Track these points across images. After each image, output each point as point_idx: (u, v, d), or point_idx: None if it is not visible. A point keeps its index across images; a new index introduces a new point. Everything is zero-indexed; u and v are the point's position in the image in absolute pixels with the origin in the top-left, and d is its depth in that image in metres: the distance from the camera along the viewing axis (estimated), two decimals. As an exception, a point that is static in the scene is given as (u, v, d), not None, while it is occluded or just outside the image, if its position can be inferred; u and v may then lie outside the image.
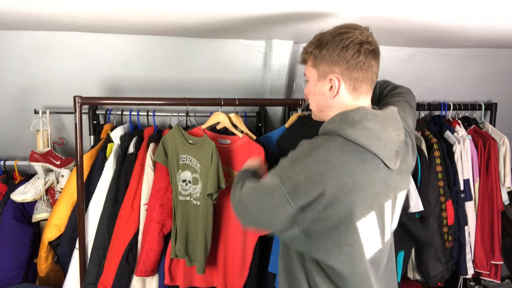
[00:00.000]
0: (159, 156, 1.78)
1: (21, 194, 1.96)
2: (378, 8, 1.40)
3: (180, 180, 1.75)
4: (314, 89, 1.15)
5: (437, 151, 2.04)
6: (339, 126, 1.04)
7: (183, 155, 1.75)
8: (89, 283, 1.75)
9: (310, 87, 1.17)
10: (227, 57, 2.17)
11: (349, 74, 1.08)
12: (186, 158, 1.74)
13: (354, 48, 1.07)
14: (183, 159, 1.75)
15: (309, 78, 1.16)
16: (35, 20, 1.67)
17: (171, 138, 1.77)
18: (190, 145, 1.74)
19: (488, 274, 2.20)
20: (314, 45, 1.12)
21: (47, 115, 2.03)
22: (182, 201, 1.76)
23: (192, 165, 1.73)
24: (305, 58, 1.17)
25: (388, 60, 2.35)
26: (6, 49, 2.01)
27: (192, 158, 1.73)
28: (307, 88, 1.19)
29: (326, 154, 1.01)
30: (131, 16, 1.57)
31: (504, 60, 2.44)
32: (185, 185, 1.74)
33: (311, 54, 1.13)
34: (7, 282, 1.93)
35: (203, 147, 1.70)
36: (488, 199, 2.18)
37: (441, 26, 1.69)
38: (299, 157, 1.03)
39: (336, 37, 1.08)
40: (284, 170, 1.04)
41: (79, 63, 2.08)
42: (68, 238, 1.85)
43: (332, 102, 1.12)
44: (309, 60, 1.15)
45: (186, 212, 1.76)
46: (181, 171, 1.76)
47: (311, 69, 1.14)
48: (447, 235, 2.05)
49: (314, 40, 1.14)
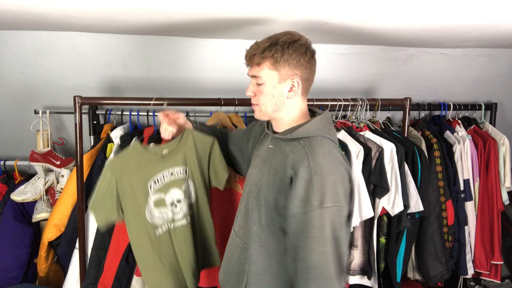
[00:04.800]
0: (102, 213, 1.36)
1: (21, 194, 1.96)
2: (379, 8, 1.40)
3: (157, 209, 1.40)
4: (273, 91, 1.21)
5: (437, 151, 2.04)
6: (326, 129, 1.22)
7: (158, 175, 1.40)
8: (89, 283, 1.75)
9: (267, 89, 1.21)
10: (227, 57, 2.17)
11: (305, 76, 1.21)
12: (165, 176, 1.41)
13: (308, 53, 1.20)
14: (160, 180, 1.40)
15: (265, 80, 1.20)
16: (35, 20, 1.67)
17: (128, 164, 1.36)
18: (166, 158, 1.42)
19: (488, 274, 2.20)
20: (273, 49, 1.17)
21: (47, 115, 2.03)
22: (161, 236, 1.43)
23: (178, 178, 1.42)
24: (260, 61, 1.19)
25: (388, 60, 2.36)
26: (6, 49, 2.01)
27: (175, 168, 1.43)
28: (260, 90, 1.22)
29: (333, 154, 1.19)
30: (131, 16, 1.57)
31: (504, 60, 2.44)
32: (174, 207, 1.42)
33: (271, 57, 1.17)
34: (7, 282, 1.93)
35: (184, 146, 1.43)
36: (488, 199, 2.18)
37: (441, 26, 1.69)
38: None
39: (295, 43, 1.18)
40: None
41: (79, 63, 2.08)
42: (68, 238, 1.85)
43: (289, 102, 1.23)
44: (266, 62, 1.18)
45: (168, 248, 1.44)
46: (159, 196, 1.40)
47: (270, 71, 1.19)
48: (447, 235, 2.05)
49: (270, 44, 1.18)
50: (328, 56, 2.28)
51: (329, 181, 1.10)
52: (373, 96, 2.36)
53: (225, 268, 1.36)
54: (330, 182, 1.10)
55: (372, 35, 1.92)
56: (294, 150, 1.17)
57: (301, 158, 1.13)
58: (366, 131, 1.85)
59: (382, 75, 2.40)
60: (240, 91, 2.20)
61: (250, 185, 1.29)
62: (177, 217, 1.42)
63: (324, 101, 1.84)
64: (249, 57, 1.21)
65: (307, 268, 1.09)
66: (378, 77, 2.40)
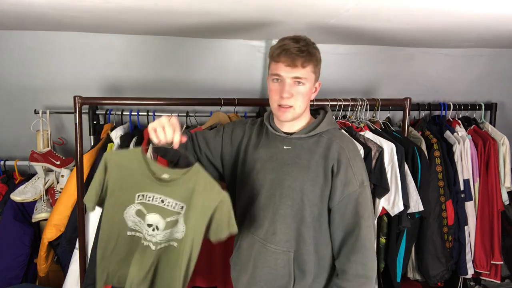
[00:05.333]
0: (91, 196, 1.28)
1: (21, 194, 1.96)
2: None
3: (136, 217, 1.30)
4: (309, 92, 1.27)
5: (437, 151, 2.04)
6: (334, 122, 1.37)
7: (147, 193, 1.27)
8: (89, 283, 1.75)
9: (306, 90, 1.25)
10: (227, 57, 2.17)
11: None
12: (155, 199, 1.27)
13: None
14: (147, 197, 1.28)
15: (307, 82, 1.24)
16: (35, 20, 1.67)
17: (124, 164, 1.28)
18: (163, 183, 1.26)
19: (488, 274, 2.20)
20: (316, 52, 1.24)
21: (47, 115, 2.03)
22: (131, 237, 1.32)
23: (165, 208, 1.27)
24: (306, 63, 1.21)
25: (388, 60, 2.36)
26: (6, 49, 2.01)
27: (169, 199, 1.27)
28: (299, 91, 1.24)
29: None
30: (131, 16, 1.57)
31: (504, 60, 2.44)
32: (151, 230, 1.29)
33: (315, 60, 1.23)
34: (7, 282, 1.93)
35: (188, 182, 1.25)
36: (488, 199, 2.18)
37: (441, 26, 1.68)
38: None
39: (316, 45, 1.26)
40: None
41: (79, 63, 2.08)
42: (68, 238, 1.85)
43: (308, 103, 1.32)
44: (311, 64, 1.22)
45: (129, 250, 1.33)
46: (142, 209, 1.29)
47: (311, 73, 1.24)
48: (447, 235, 2.05)
49: (310, 45, 1.23)
50: (328, 56, 2.26)
51: (361, 163, 1.29)
52: (373, 96, 2.35)
53: (260, 277, 1.31)
54: (361, 164, 1.29)
55: (372, 35, 1.92)
56: (322, 144, 1.27)
57: (336, 148, 1.25)
58: (366, 131, 1.85)
59: (382, 75, 2.40)
60: (240, 91, 2.21)
61: (279, 188, 1.28)
62: (149, 238, 1.29)
63: (324, 101, 1.83)
64: (293, 59, 1.19)
65: (357, 243, 1.22)
66: (378, 77, 2.40)
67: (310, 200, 1.26)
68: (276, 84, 1.25)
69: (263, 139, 1.36)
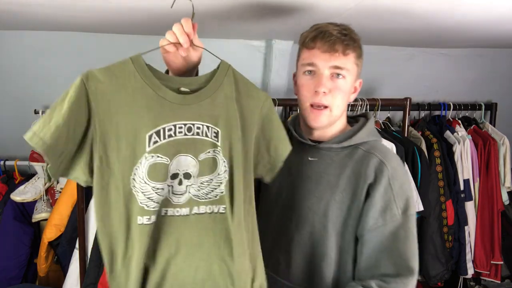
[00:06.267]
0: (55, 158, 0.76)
1: (21, 194, 1.96)
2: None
3: (151, 182, 0.80)
4: (349, 89, 0.99)
5: (437, 151, 2.04)
6: (377, 132, 1.07)
7: (166, 124, 0.81)
8: (89, 283, 1.75)
9: (347, 87, 0.97)
10: (227, 57, 2.15)
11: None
12: (178, 128, 0.81)
13: None
14: (167, 134, 0.80)
15: (347, 74, 0.96)
16: (35, 20, 1.67)
17: (120, 87, 0.80)
18: (181, 101, 0.83)
19: (488, 274, 2.20)
20: (358, 40, 0.97)
21: (47, 115, 2.03)
22: (143, 227, 0.81)
23: (199, 139, 0.83)
24: (349, 50, 0.94)
25: (388, 60, 2.36)
26: (6, 49, 2.00)
27: (197, 123, 0.83)
28: (338, 86, 0.96)
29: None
30: (131, 16, 1.57)
31: (504, 60, 2.44)
32: (177, 184, 0.83)
33: (358, 48, 0.97)
34: (7, 282, 1.93)
35: (218, 88, 0.88)
36: (488, 199, 2.18)
37: (441, 26, 1.68)
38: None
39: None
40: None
41: (79, 63, 2.07)
42: (68, 238, 1.85)
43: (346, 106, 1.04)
44: (353, 53, 0.96)
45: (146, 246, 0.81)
46: (158, 160, 0.80)
47: (354, 65, 0.97)
48: (447, 235, 2.05)
49: (353, 31, 0.97)
50: (328, 56, 2.27)
51: (407, 185, 0.99)
52: (373, 96, 2.35)
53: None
54: (407, 186, 0.99)
55: (372, 35, 1.92)
56: (357, 157, 1.00)
57: (375, 164, 0.97)
58: (366, 131, 1.85)
59: (382, 75, 2.40)
60: (240, 91, 2.21)
61: (297, 209, 1.02)
62: (177, 200, 0.83)
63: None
64: (332, 43, 0.93)
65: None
66: (378, 77, 2.40)
67: (335, 227, 0.98)
68: (309, 77, 0.98)
69: None
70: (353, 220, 0.98)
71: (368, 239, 0.96)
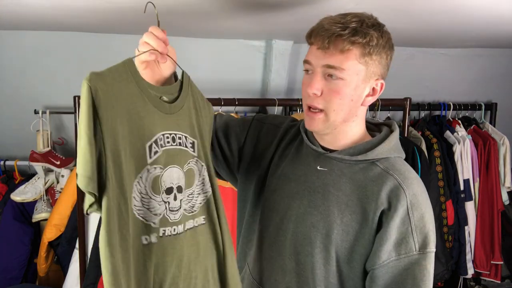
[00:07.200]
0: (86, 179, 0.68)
1: (21, 194, 1.96)
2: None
3: (156, 196, 0.76)
4: (354, 93, 0.84)
5: (437, 151, 2.04)
6: (400, 146, 0.95)
7: (158, 134, 0.77)
8: (89, 283, 1.75)
9: (347, 89, 0.83)
10: (227, 57, 2.16)
11: (384, 78, 0.90)
12: (166, 138, 0.79)
13: (393, 47, 0.88)
14: (159, 144, 0.77)
15: (347, 76, 0.82)
16: (35, 20, 1.67)
17: (119, 90, 0.75)
18: (166, 110, 0.81)
19: (488, 274, 2.20)
20: (369, 33, 0.81)
21: (47, 115, 2.03)
22: (150, 247, 0.75)
23: (182, 150, 0.82)
24: (348, 46, 0.80)
25: (388, 60, 2.36)
26: (6, 49, 2.00)
27: (178, 133, 0.82)
28: (334, 88, 0.83)
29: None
30: (131, 16, 1.57)
31: (504, 60, 2.44)
32: (172, 199, 0.79)
33: (364, 44, 0.81)
34: (7, 282, 1.93)
35: (186, 98, 0.87)
36: (488, 199, 2.18)
37: (441, 26, 1.68)
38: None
39: (383, 28, 0.85)
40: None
41: (79, 63, 2.07)
42: (68, 238, 1.85)
43: (361, 110, 0.89)
44: (355, 50, 0.81)
45: (173, 256, 0.78)
46: (157, 173, 0.77)
47: (357, 64, 0.82)
48: (447, 235, 2.05)
49: (362, 24, 0.82)
50: (328, 56, 2.28)
51: (428, 216, 0.85)
52: (373, 96, 2.36)
53: None
54: (429, 217, 0.85)
55: (372, 35, 1.92)
56: (373, 175, 0.86)
57: (392, 187, 0.84)
58: (366, 131, 1.85)
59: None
60: (240, 91, 2.21)
61: (301, 225, 0.89)
62: (173, 217, 0.78)
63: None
64: (328, 37, 0.80)
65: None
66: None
67: (340, 253, 0.86)
68: (307, 76, 0.87)
69: (293, 150, 0.97)
70: (361, 248, 0.86)
71: (378, 275, 0.84)
